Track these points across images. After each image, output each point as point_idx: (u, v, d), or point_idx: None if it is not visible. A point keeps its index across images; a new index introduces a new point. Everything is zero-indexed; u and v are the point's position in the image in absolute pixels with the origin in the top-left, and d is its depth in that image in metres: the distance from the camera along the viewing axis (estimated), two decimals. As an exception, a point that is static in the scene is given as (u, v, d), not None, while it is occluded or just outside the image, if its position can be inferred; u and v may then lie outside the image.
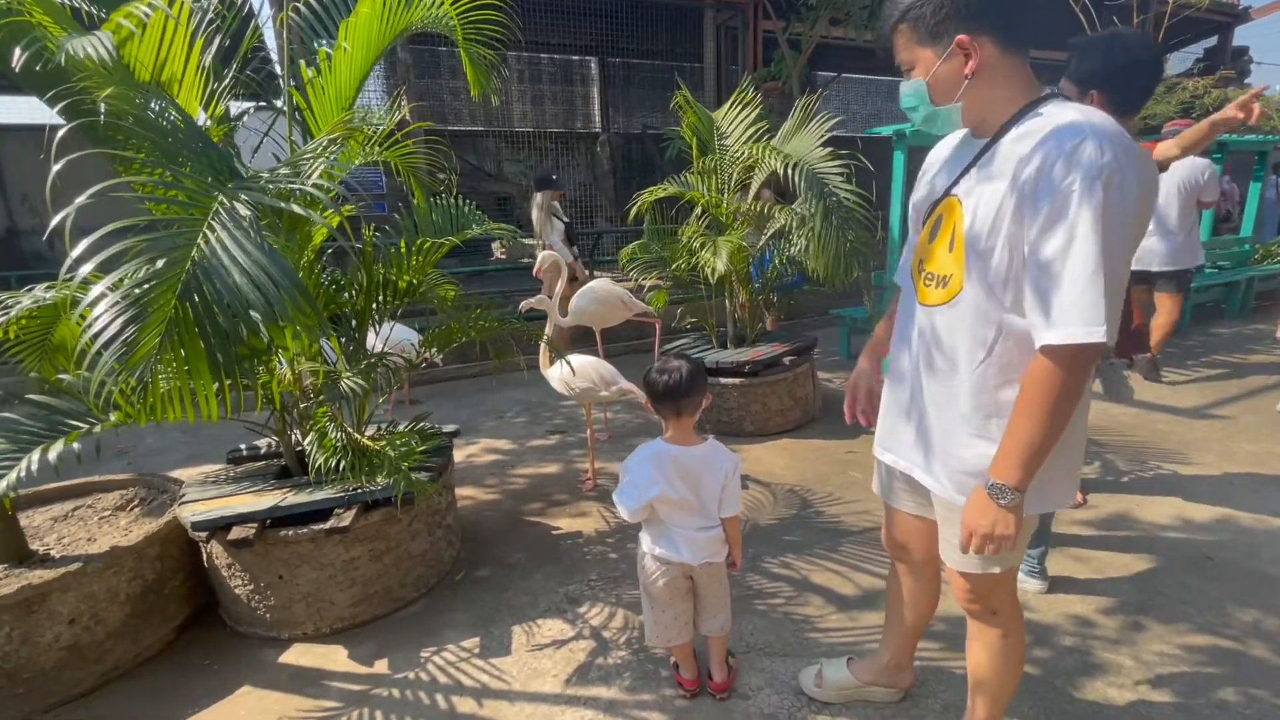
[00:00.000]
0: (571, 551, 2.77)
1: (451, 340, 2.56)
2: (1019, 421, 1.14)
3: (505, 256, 9.33)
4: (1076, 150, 1.04)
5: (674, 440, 1.75)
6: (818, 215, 3.04)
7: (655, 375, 1.73)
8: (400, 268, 2.48)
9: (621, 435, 4.13)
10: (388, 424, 2.71)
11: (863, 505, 3.09)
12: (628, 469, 1.76)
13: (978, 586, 1.43)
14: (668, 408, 1.73)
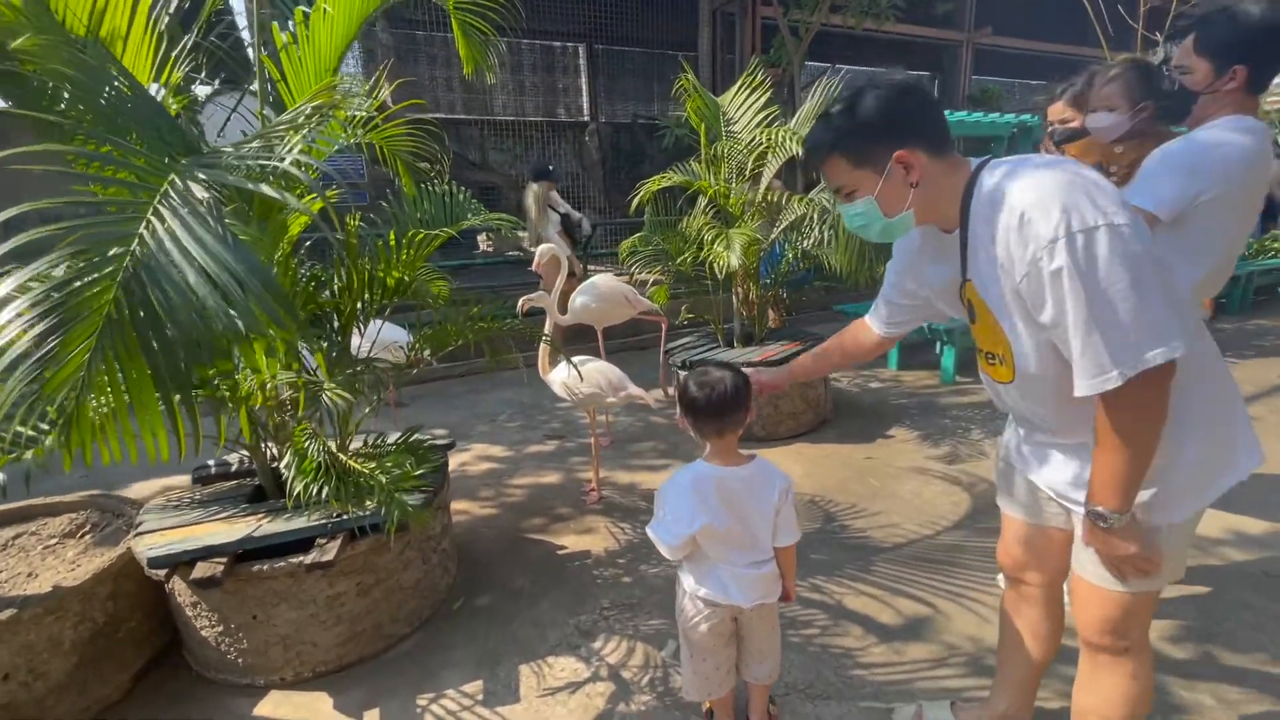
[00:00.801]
0: (580, 575, 2.52)
1: (447, 342, 2.29)
2: (1099, 453, 1.14)
3: (492, 249, 9.02)
4: (1024, 223, 1.06)
5: (716, 461, 1.52)
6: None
7: (695, 390, 1.48)
8: (389, 262, 2.20)
9: (624, 440, 3.89)
10: (376, 436, 2.44)
11: (888, 518, 2.88)
12: (664, 499, 1.53)
13: (1111, 610, 1.26)
14: (709, 426, 1.49)
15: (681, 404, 1.52)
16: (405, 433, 2.37)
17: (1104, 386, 1.05)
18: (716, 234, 3.34)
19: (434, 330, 2.28)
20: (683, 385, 1.52)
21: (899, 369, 5.15)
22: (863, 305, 5.80)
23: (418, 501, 2.02)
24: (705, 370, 1.51)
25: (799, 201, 3.24)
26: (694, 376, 1.51)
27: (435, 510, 2.25)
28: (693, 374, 1.52)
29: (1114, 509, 1.12)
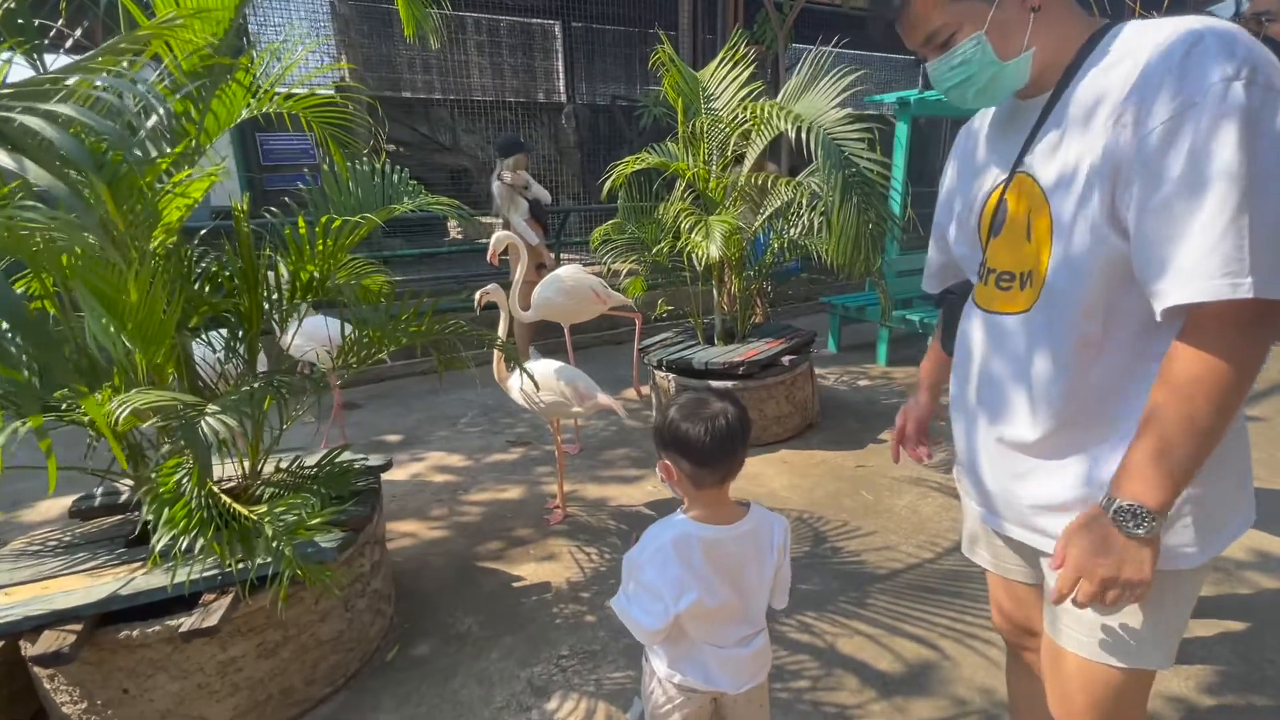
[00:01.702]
0: (537, 613, 2.20)
1: (371, 354, 1.94)
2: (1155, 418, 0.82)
3: (462, 236, 8.59)
4: (1192, 52, 0.78)
5: (706, 517, 1.17)
6: (837, 190, 2.50)
7: (689, 427, 1.10)
8: (301, 254, 1.84)
9: (595, 448, 3.56)
10: (294, 457, 2.09)
11: (884, 538, 2.60)
12: (637, 568, 1.17)
13: (1099, 693, 0.98)
14: (710, 475, 1.13)
15: (667, 446, 1.14)
16: (326, 455, 2.02)
17: (1227, 293, 0.75)
18: (695, 221, 3.01)
19: (358, 337, 1.92)
20: (666, 421, 1.14)
21: (888, 365, 4.88)
22: (849, 297, 5.55)
23: (333, 543, 1.69)
24: (698, 400, 1.15)
25: (786, 185, 2.92)
26: (682, 410, 1.13)
27: (362, 548, 1.91)
28: (678, 406, 1.14)
29: (1154, 505, 0.81)
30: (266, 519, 1.41)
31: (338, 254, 1.93)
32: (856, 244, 2.55)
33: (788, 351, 3.56)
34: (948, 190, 1.17)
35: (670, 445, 1.14)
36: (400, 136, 9.37)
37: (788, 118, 2.60)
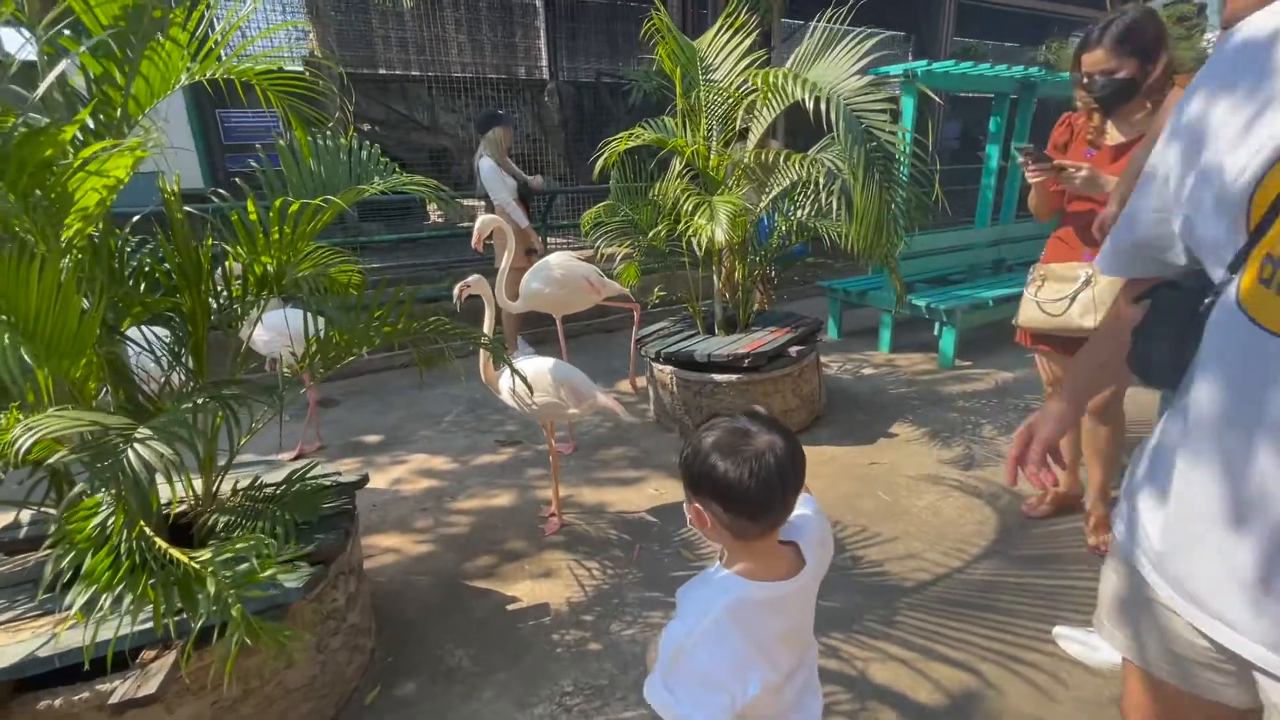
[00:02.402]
0: (535, 642, 1.99)
1: (339, 358, 1.69)
2: None
3: (444, 220, 8.25)
4: None
5: (759, 571, 0.93)
6: (860, 167, 2.26)
7: (730, 467, 0.86)
8: (254, 245, 1.58)
9: (590, 446, 3.34)
10: (255, 479, 1.83)
11: (906, 545, 2.42)
12: (683, 649, 0.90)
13: None
14: (757, 523, 0.89)
15: (698, 488, 0.90)
16: (293, 474, 1.77)
17: None
18: (697, 203, 2.76)
19: (324, 339, 1.67)
20: (698, 458, 0.89)
21: (891, 352, 4.69)
22: (851, 281, 5.33)
23: (299, 581, 1.45)
24: (737, 432, 0.89)
25: (800, 162, 2.68)
26: (718, 444, 0.88)
27: (335, 580, 1.68)
28: (714, 439, 0.89)
29: None
30: (211, 570, 1.17)
31: (298, 243, 1.66)
32: (878, 226, 2.32)
33: (794, 341, 3.34)
34: (1179, 155, 0.81)
35: (702, 488, 0.90)
36: (376, 115, 8.95)
37: (804, 86, 2.35)
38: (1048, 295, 2.16)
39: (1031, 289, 2.23)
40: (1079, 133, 2.11)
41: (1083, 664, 1.82)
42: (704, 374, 3.20)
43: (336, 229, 6.59)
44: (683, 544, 2.45)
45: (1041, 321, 2.17)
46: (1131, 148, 1.93)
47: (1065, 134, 2.17)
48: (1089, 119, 2.03)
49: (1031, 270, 2.27)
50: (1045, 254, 2.28)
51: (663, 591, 2.18)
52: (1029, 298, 2.23)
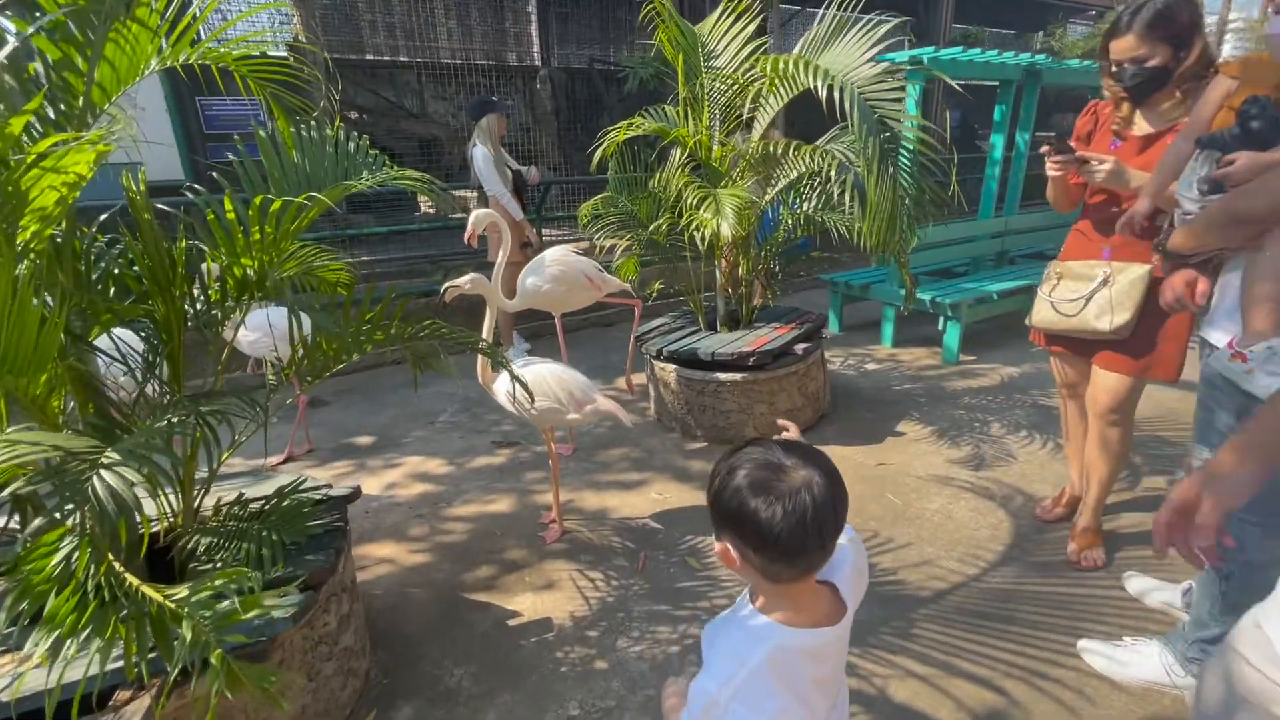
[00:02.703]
0: (538, 660, 1.90)
1: (327, 367, 1.57)
2: None
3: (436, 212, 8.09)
4: None
5: (797, 617, 0.84)
6: (874, 159, 2.16)
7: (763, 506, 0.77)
8: (232, 245, 1.46)
9: (590, 447, 3.24)
10: (238, 495, 1.72)
11: (920, 551, 2.34)
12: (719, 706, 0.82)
13: None
14: (793, 568, 0.81)
15: (727, 525, 0.82)
16: (281, 490, 1.66)
17: None
18: (702, 196, 2.65)
19: (315, 346, 1.55)
20: (728, 492, 0.80)
21: (894, 346, 4.62)
22: (853, 274, 5.23)
23: (288, 610, 1.35)
24: (771, 466, 0.80)
25: (810, 153, 2.57)
26: (750, 478, 0.79)
27: (327, 603, 1.57)
28: (745, 470, 0.80)
29: None
30: (186, 610, 1.06)
31: (281, 242, 1.54)
32: (892, 220, 2.22)
33: (799, 338, 3.25)
34: None
35: (731, 527, 0.81)
36: (364, 102, 8.73)
37: (817, 73, 2.24)
38: (1063, 294, 2.07)
39: (1046, 288, 2.13)
40: (1104, 122, 2.00)
41: (1109, 679, 1.75)
42: (708, 373, 3.11)
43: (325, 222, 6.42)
44: (689, 552, 2.37)
45: (1055, 322, 2.08)
46: (1160, 139, 1.83)
47: (1090, 123, 2.07)
48: (1116, 109, 1.93)
49: (1048, 268, 2.17)
50: (1063, 250, 2.19)
51: (670, 604, 2.10)
52: (1043, 297, 2.13)
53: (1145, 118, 1.90)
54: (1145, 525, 2.44)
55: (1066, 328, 2.05)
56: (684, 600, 2.12)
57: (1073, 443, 2.39)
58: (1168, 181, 1.66)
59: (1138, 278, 1.91)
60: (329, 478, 3.03)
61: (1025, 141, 4.88)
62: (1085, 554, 2.22)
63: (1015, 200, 5.09)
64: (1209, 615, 1.61)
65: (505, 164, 4.24)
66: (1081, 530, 2.25)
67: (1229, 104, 1.53)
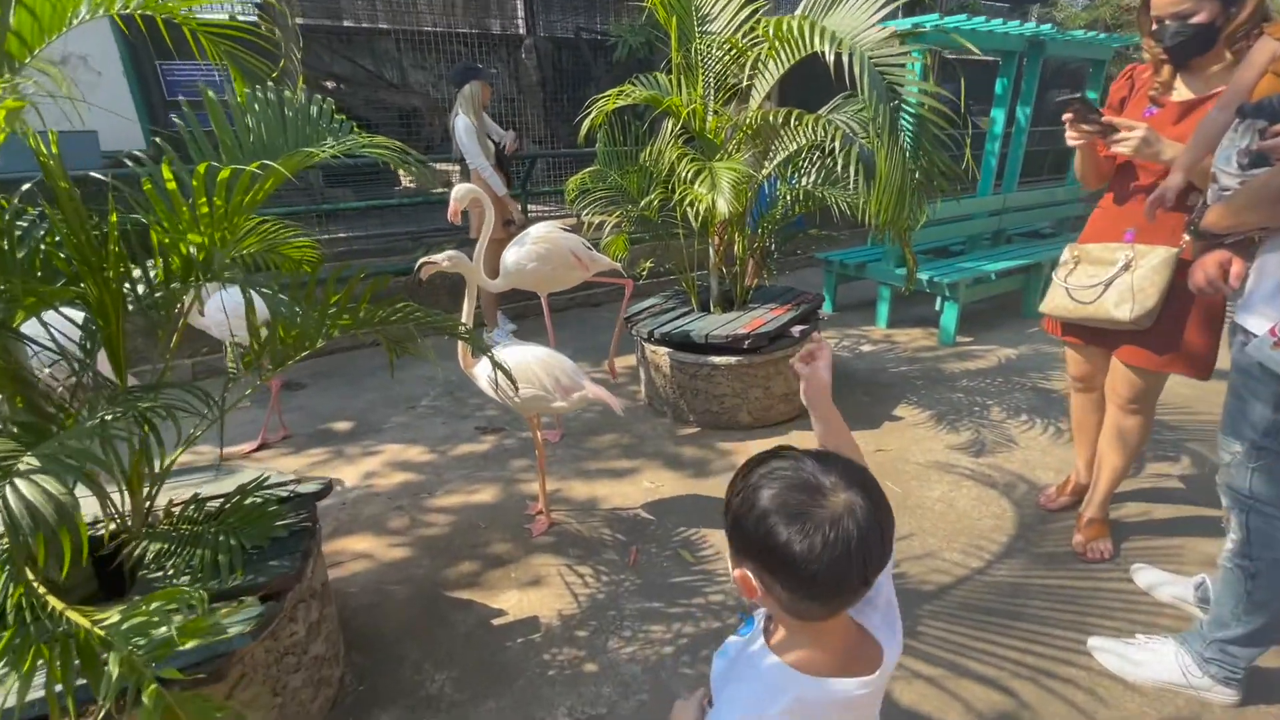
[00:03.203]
0: (525, 663, 1.79)
1: (288, 355, 1.43)
2: None
3: (416, 186, 7.83)
4: None
5: (820, 663, 0.74)
6: (884, 129, 2.02)
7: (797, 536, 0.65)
8: (175, 220, 1.30)
9: (578, 433, 3.12)
10: (191, 498, 1.58)
11: (922, 543, 2.26)
12: None
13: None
14: (827, 607, 0.70)
15: (750, 553, 0.70)
16: (242, 489, 1.52)
17: None
18: (698, 169, 2.49)
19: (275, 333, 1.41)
20: (753, 515, 0.68)
21: (889, 327, 4.52)
22: (849, 254, 5.10)
23: (246, 625, 1.23)
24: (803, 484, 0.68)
25: (813, 123, 2.41)
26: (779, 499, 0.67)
27: (293, 611, 1.45)
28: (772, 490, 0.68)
29: None
30: (118, 638, 0.93)
31: (234, 217, 1.38)
32: (900, 195, 2.09)
33: (796, 320, 3.13)
34: None
35: (756, 555, 0.69)
36: (341, 71, 8.39)
37: (823, 36, 2.07)
38: (1080, 280, 1.92)
39: (1062, 272, 1.99)
40: (1140, 88, 1.83)
41: (1121, 679, 1.68)
42: (701, 356, 2.99)
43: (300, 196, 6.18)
44: (683, 544, 2.27)
45: (1071, 310, 1.94)
46: (1202, 106, 1.67)
47: (1125, 88, 1.90)
48: (1155, 73, 1.77)
49: (1065, 251, 2.03)
50: (1085, 231, 2.05)
51: (663, 601, 2.00)
52: (1058, 282, 1.99)
53: (1187, 83, 1.74)
54: (1153, 515, 2.38)
55: (1083, 316, 1.92)
56: (678, 596, 2.02)
57: (1082, 434, 2.29)
58: (1203, 154, 1.53)
59: (1162, 262, 1.77)
60: (304, 465, 2.89)
61: (1026, 116, 4.75)
62: (1092, 545, 2.14)
63: (1015, 178, 4.97)
64: (1231, 615, 1.53)
65: (489, 135, 4.04)
66: (1088, 521, 2.17)
67: (1275, 69, 1.41)
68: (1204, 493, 2.50)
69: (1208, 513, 2.36)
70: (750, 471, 0.72)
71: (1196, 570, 1.98)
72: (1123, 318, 1.82)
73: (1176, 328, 1.82)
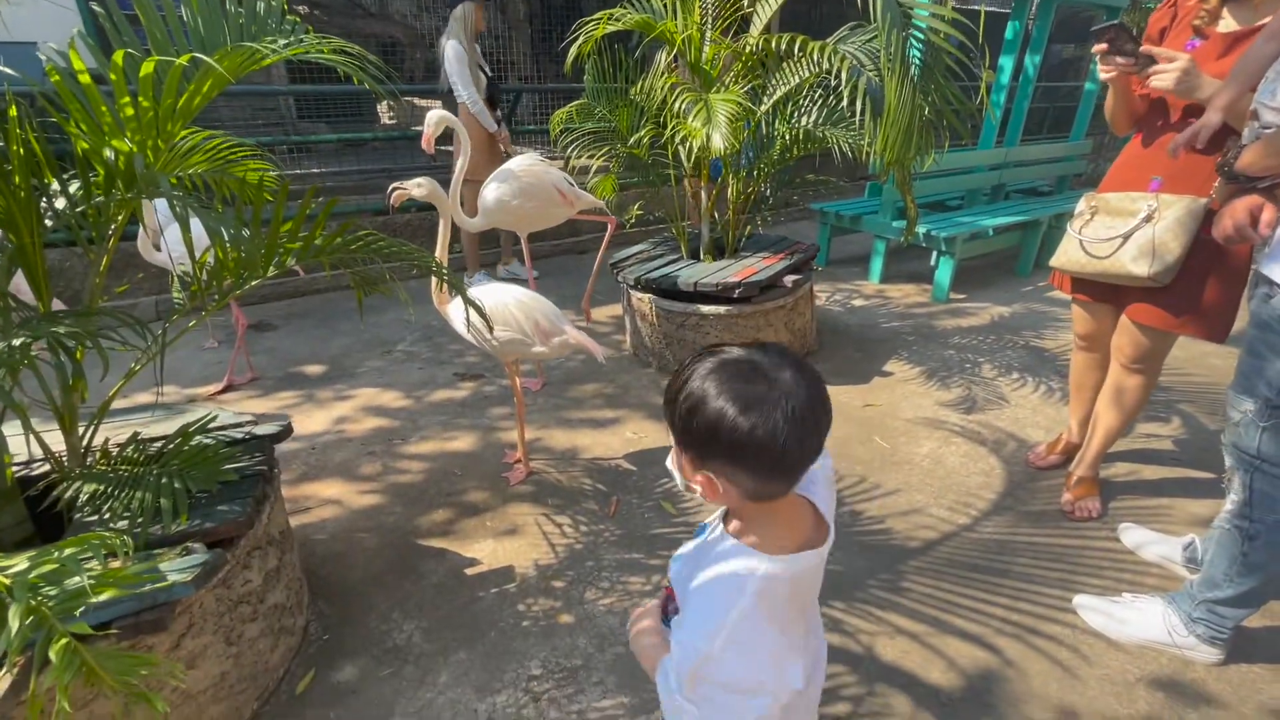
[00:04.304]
0: (498, 613, 1.73)
1: (235, 285, 1.29)
2: None
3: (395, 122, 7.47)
4: None
5: (779, 540, 0.74)
6: (896, 55, 1.85)
7: (760, 421, 0.65)
8: (95, 122, 1.14)
9: (560, 382, 3.02)
10: (133, 436, 1.46)
11: (909, 498, 2.21)
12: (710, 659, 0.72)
13: None
14: (788, 478, 0.70)
15: (713, 453, 0.69)
16: (188, 427, 1.40)
17: None
18: (692, 100, 2.31)
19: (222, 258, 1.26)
20: (713, 418, 0.66)
21: (882, 282, 4.42)
22: (844, 205, 4.93)
23: (189, 572, 1.13)
24: (747, 368, 0.68)
25: (819, 50, 2.22)
26: (732, 391, 0.66)
27: (248, 558, 1.36)
28: (718, 389, 0.67)
29: None
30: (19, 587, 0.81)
31: (166, 124, 1.22)
32: (908, 132, 1.94)
33: (789, 270, 3.01)
34: None
35: (718, 453, 0.68)
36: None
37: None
38: (1096, 232, 1.80)
39: (1076, 224, 1.86)
40: (1184, 16, 1.67)
41: (1106, 637, 1.66)
42: (689, 304, 2.87)
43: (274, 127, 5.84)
44: (665, 495, 2.20)
45: (1084, 264, 1.82)
46: (1248, 39, 1.51)
47: (1166, 17, 1.72)
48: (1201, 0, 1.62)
49: (1081, 201, 1.90)
50: (1105, 179, 1.91)
51: (643, 552, 1.94)
52: (1072, 234, 1.86)
53: (1235, 13, 1.58)
54: (1142, 475, 2.34)
55: (1097, 271, 1.80)
56: (658, 548, 1.96)
57: (1080, 394, 2.22)
58: (1245, 90, 1.40)
59: (1188, 214, 1.64)
60: (272, 409, 2.77)
61: (1035, 66, 4.55)
62: (1080, 504, 2.10)
63: (1018, 131, 4.81)
64: (1224, 576, 1.49)
65: (480, 67, 3.77)
66: (1078, 480, 2.13)
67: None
68: (1193, 454, 2.47)
69: (1196, 474, 2.34)
70: (685, 382, 0.70)
71: (1184, 530, 1.95)
72: (1140, 273, 1.71)
73: (1196, 286, 1.71)
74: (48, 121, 1.22)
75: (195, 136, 1.47)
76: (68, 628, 0.78)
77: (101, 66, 1.15)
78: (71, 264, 3.59)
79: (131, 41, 1.28)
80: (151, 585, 1.08)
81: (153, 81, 1.14)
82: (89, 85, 1.09)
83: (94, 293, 1.23)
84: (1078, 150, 5.22)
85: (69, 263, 3.59)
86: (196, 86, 1.22)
